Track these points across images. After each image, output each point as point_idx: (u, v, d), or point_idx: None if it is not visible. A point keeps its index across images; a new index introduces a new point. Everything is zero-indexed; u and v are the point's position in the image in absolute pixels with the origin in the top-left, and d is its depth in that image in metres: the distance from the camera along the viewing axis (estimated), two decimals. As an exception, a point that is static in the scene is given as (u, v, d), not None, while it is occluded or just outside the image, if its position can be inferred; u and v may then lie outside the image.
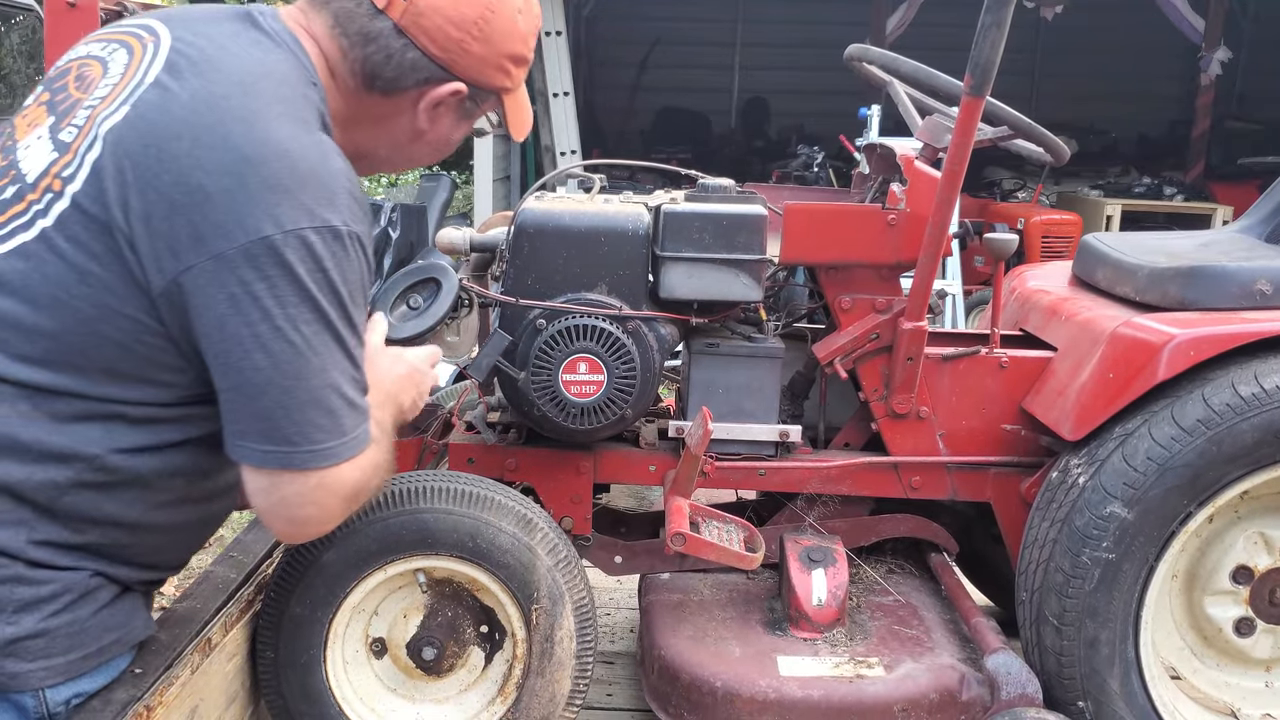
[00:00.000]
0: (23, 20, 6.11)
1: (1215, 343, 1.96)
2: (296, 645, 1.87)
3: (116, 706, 1.39)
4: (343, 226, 1.30)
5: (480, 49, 1.45)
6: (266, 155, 1.26)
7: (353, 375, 1.35)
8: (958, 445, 2.29)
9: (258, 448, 1.30)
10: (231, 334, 1.26)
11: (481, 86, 1.50)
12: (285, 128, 1.29)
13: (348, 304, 1.32)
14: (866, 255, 2.20)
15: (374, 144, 1.52)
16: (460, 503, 1.89)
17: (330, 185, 1.30)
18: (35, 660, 1.31)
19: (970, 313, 6.17)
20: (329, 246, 1.28)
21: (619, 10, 10.97)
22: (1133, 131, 10.50)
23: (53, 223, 1.29)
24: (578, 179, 2.58)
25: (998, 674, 1.97)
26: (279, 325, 1.26)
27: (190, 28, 1.38)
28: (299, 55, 1.39)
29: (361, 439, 1.36)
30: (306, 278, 1.26)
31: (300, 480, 1.32)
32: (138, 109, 1.29)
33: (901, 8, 8.74)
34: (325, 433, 1.31)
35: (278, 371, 1.27)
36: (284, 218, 1.25)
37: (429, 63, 1.43)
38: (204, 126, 1.26)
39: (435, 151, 1.59)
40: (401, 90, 1.45)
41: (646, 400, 2.12)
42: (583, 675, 1.97)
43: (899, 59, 2.37)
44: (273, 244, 1.24)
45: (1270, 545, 2.09)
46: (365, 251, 1.36)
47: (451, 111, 1.51)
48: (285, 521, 1.38)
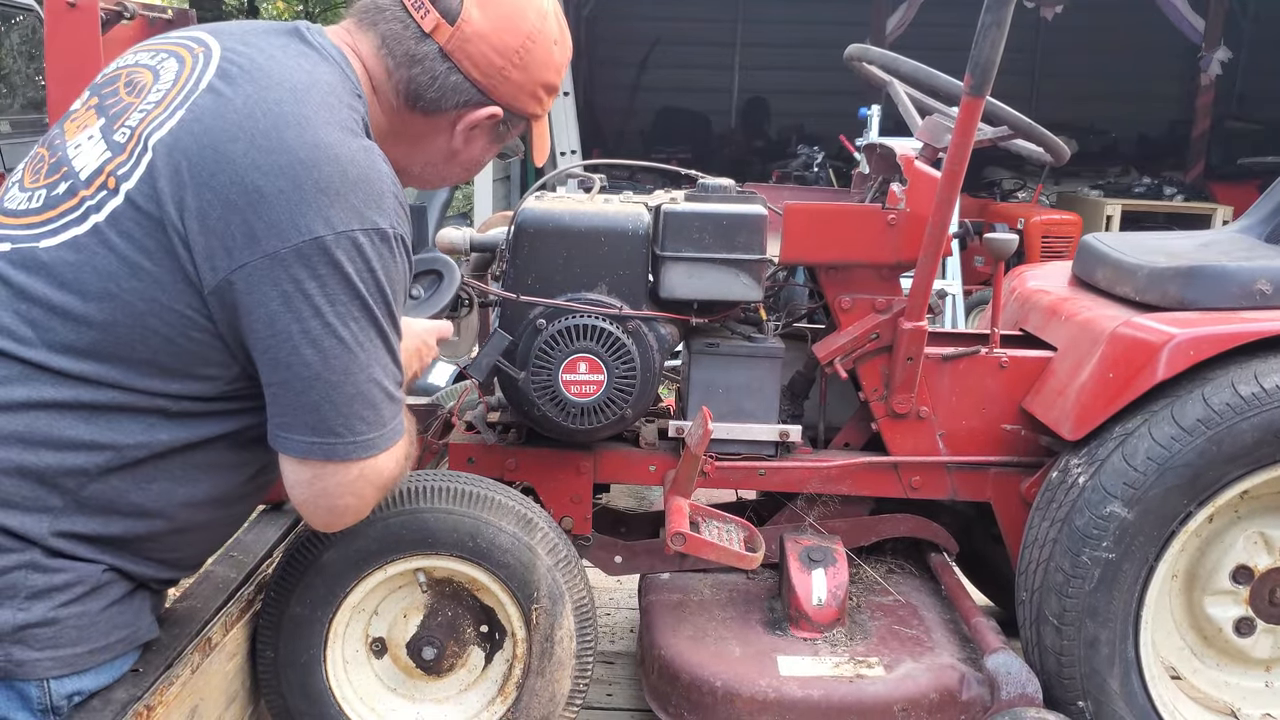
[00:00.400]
0: (23, 20, 6.11)
1: (1215, 342, 1.97)
2: (296, 645, 1.87)
3: (116, 706, 1.40)
4: (390, 229, 1.36)
5: (519, 76, 1.52)
6: (319, 159, 1.31)
7: (393, 370, 1.41)
8: (958, 445, 2.29)
9: (303, 439, 1.36)
10: (282, 329, 1.31)
11: (516, 112, 1.56)
12: (335, 133, 1.34)
13: (392, 302, 1.38)
14: (866, 255, 2.20)
15: (409, 160, 1.57)
16: (460, 503, 1.89)
17: (379, 188, 1.35)
18: (43, 649, 1.33)
19: (970, 313, 6.17)
20: (376, 248, 1.34)
21: (619, 10, 10.96)
22: (1133, 131, 10.50)
23: (105, 218, 1.32)
24: (578, 179, 2.58)
25: (998, 674, 1.98)
26: (329, 322, 1.31)
27: (240, 39, 1.42)
28: (345, 69, 1.44)
29: (398, 430, 1.43)
30: (355, 277, 1.32)
31: (343, 471, 1.38)
32: (193, 111, 1.33)
33: (901, 8, 8.74)
34: (368, 425, 1.37)
35: (326, 367, 1.32)
36: (336, 219, 1.30)
37: (470, 86, 1.49)
38: (259, 130, 1.30)
39: (465, 171, 1.66)
40: (441, 111, 1.51)
41: (646, 400, 2.12)
42: (583, 675, 1.97)
43: (899, 59, 2.37)
44: (325, 244, 1.29)
45: (1270, 545, 2.09)
46: (408, 252, 1.42)
47: (485, 134, 1.58)
48: (325, 511, 1.44)
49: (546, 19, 1.54)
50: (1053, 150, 2.27)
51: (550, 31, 1.55)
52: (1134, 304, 2.23)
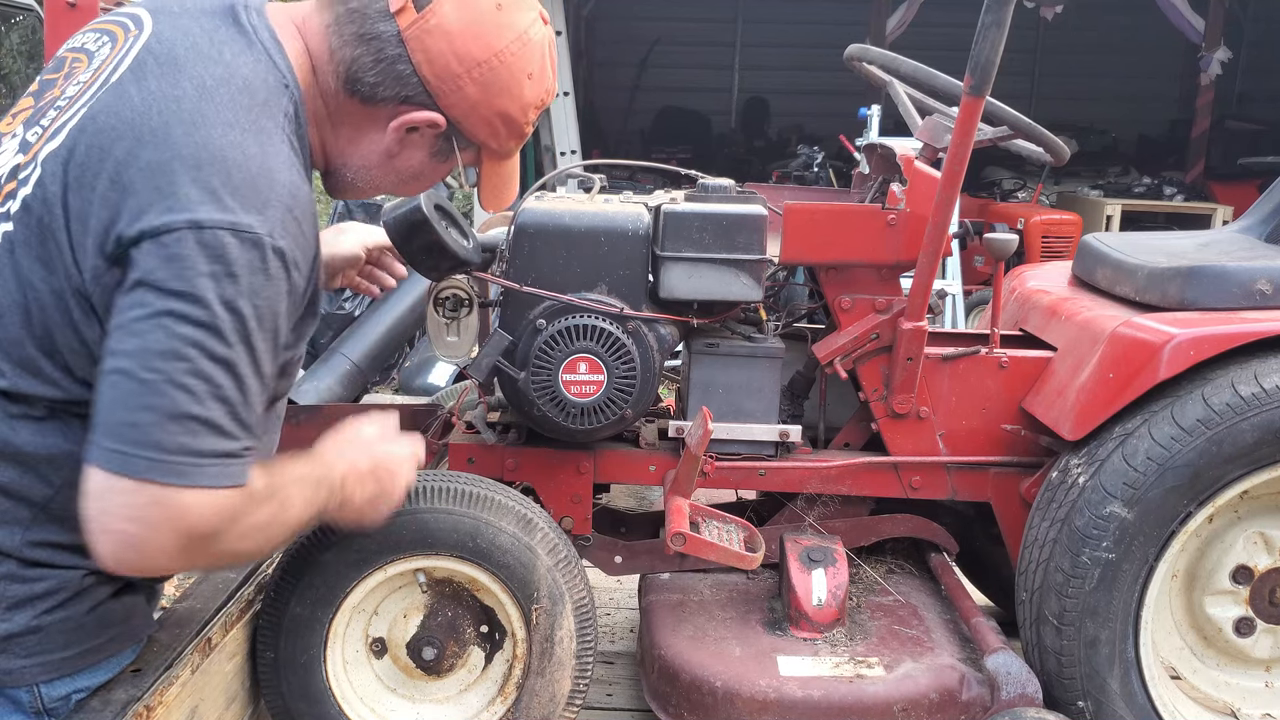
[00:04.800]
0: (23, 20, 6.11)
1: (1215, 343, 1.96)
2: (296, 645, 1.87)
3: (116, 706, 1.39)
4: (266, 238, 1.22)
5: (474, 93, 1.40)
6: (202, 158, 1.21)
7: (233, 399, 1.21)
8: (958, 445, 2.29)
9: (103, 443, 1.18)
10: (116, 321, 1.19)
11: (464, 132, 1.44)
12: (232, 134, 1.24)
13: (249, 319, 1.21)
14: (866, 255, 2.20)
15: (345, 156, 1.47)
16: (460, 503, 1.89)
17: (265, 194, 1.23)
18: (30, 656, 1.32)
19: (970, 313, 6.17)
20: (245, 253, 1.20)
21: (619, 10, 10.97)
22: (1133, 131, 10.50)
23: (12, 227, 1.28)
24: (578, 179, 2.58)
25: (998, 674, 1.98)
26: (161, 317, 1.17)
27: (173, 20, 1.35)
28: (273, 57, 1.35)
29: (225, 473, 1.21)
30: (209, 278, 1.18)
31: (133, 491, 1.16)
32: (92, 111, 1.27)
33: (901, 8, 8.74)
34: (174, 447, 1.17)
35: (143, 363, 1.17)
36: (203, 215, 1.18)
37: (417, 83, 1.38)
38: (148, 129, 1.23)
39: (402, 182, 1.51)
40: (379, 101, 1.40)
41: (646, 400, 2.12)
42: (583, 675, 1.97)
43: (899, 59, 2.37)
44: (183, 236, 1.17)
45: (1270, 545, 2.09)
46: (290, 273, 1.26)
47: (425, 145, 1.45)
48: (107, 535, 1.19)
49: (527, 47, 1.43)
50: (1053, 150, 2.27)
51: (528, 61, 1.43)
52: (1134, 304, 2.23)
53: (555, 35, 1.58)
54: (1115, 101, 10.81)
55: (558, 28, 7.64)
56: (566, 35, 7.88)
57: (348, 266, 1.96)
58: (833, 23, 9.64)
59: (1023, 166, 7.77)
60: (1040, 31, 10.23)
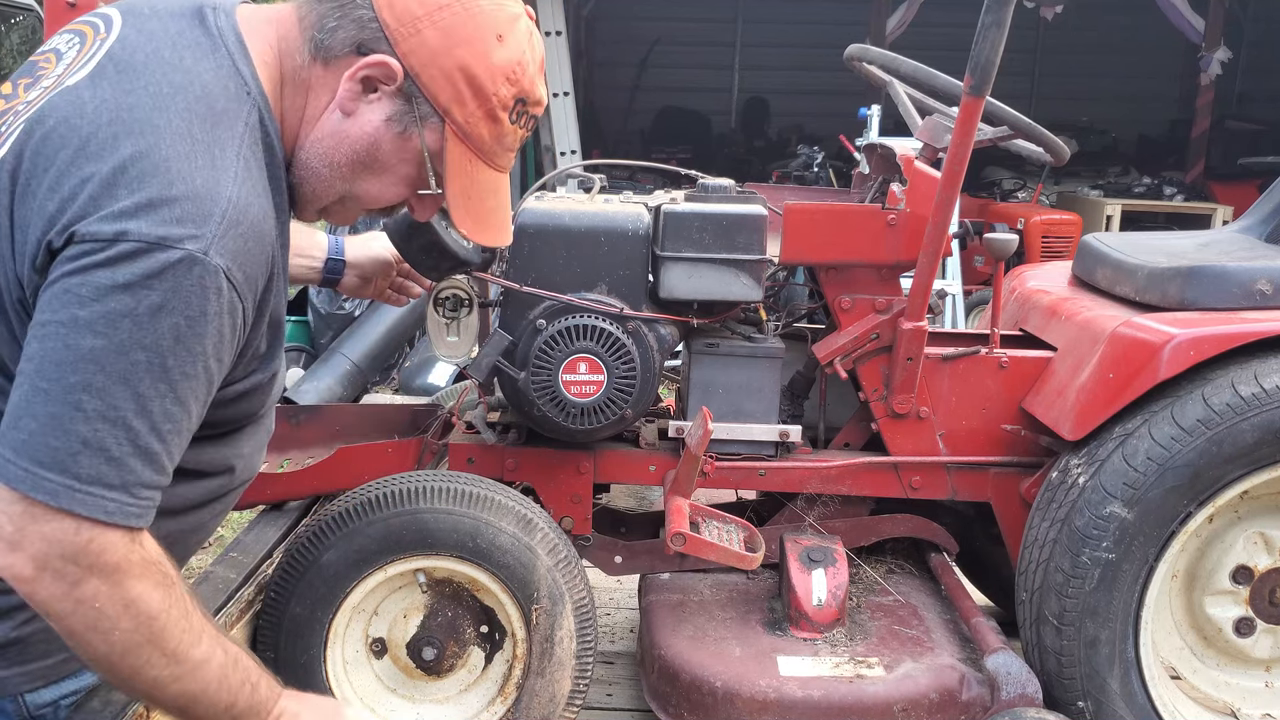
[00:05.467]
0: (23, 20, 6.11)
1: (1215, 343, 1.96)
2: (296, 645, 1.87)
3: (116, 707, 1.39)
4: (201, 254, 1.14)
5: (435, 39, 1.29)
6: (144, 170, 1.15)
7: (132, 425, 1.14)
8: (958, 445, 2.29)
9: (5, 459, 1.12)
10: (32, 322, 1.14)
11: (421, 88, 1.31)
12: (180, 145, 1.18)
13: (164, 338, 1.14)
14: (866, 255, 2.20)
15: (304, 140, 1.35)
16: (460, 503, 1.89)
17: (206, 209, 1.16)
18: (11, 667, 1.31)
19: (970, 313, 6.17)
20: (174, 269, 1.13)
21: (619, 10, 10.97)
22: (1133, 131, 10.51)
23: None
24: (578, 179, 2.58)
25: (998, 674, 1.98)
26: (64, 326, 1.11)
27: (140, 24, 1.30)
28: (236, 62, 1.29)
29: (125, 510, 1.14)
30: (124, 292, 1.11)
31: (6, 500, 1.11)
32: (41, 113, 1.22)
33: (901, 8, 8.74)
34: (51, 463, 1.10)
35: (39, 369, 1.11)
36: (134, 227, 1.12)
37: (376, 27, 1.28)
38: (97, 138, 1.17)
39: (360, 165, 1.36)
40: (336, 56, 1.30)
41: (646, 400, 2.12)
42: (583, 675, 1.97)
43: (899, 59, 2.38)
44: (113, 248, 1.11)
45: (1270, 545, 2.09)
46: (229, 291, 1.19)
47: (383, 108, 1.32)
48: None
49: (501, 8, 1.33)
50: (1053, 150, 2.27)
51: (496, 21, 1.32)
52: (1134, 304, 2.23)
53: (555, 35, 1.54)
54: (1115, 101, 10.81)
55: (558, 28, 7.65)
56: (567, 35, 7.88)
57: (379, 274, 1.97)
58: (833, 23, 9.64)
59: (1023, 166, 7.77)
60: (1040, 31, 10.23)
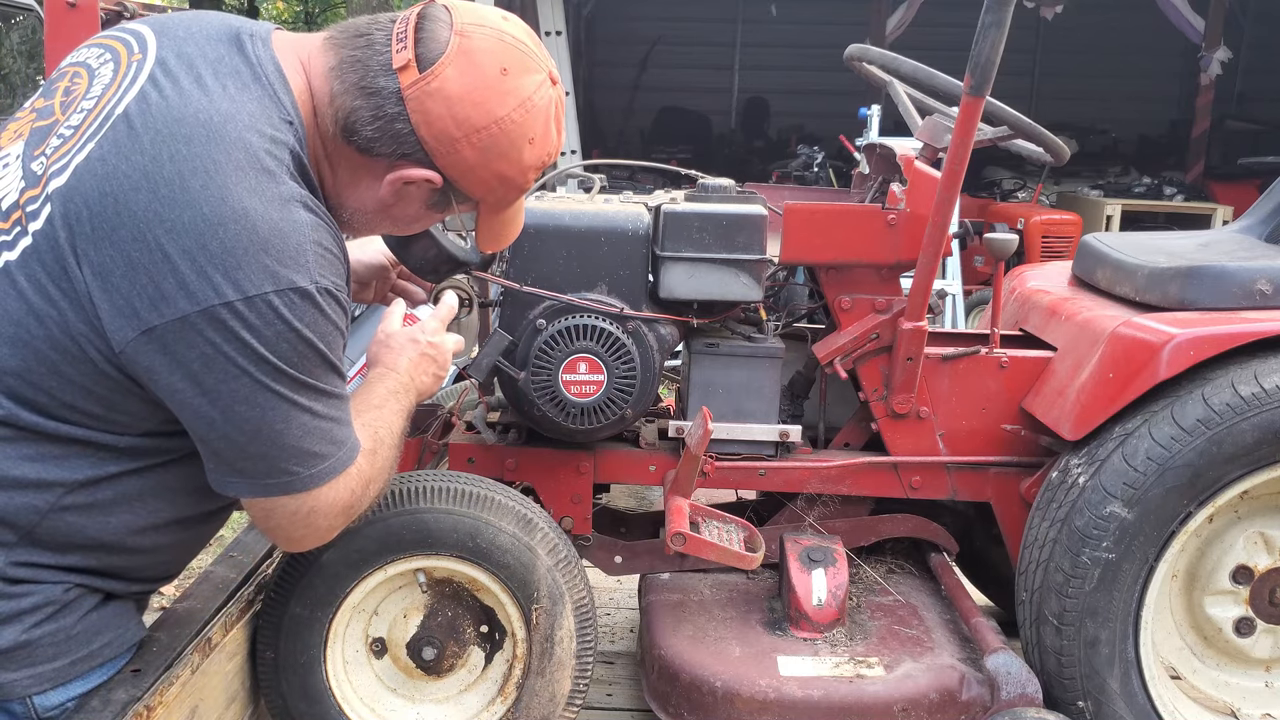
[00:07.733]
0: (23, 20, 6.11)
1: (1215, 343, 1.96)
2: (296, 645, 1.87)
3: (116, 706, 1.39)
4: (309, 285, 1.28)
5: (472, 156, 1.39)
6: (225, 216, 1.22)
7: (331, 415, 1.38)
8: (958, 445, 2.29)
9: (243, 482, 1.36)
10: (209, 390, 1.27)
11: (459, 189, 1.44)
12: (247, 180, 1.25)
13: (323, 354, 1.33)
14: (866, 255, 2.20)
15: (341, 197, 1.45)
16: (460, 503, 1.89)
17: (293, 241, 1.26)
18: (19, 670, 1.32)
19: (970, 313, 6.17)
20: (296, 307, 1.27)
21: (619, 10, 10.96)
22: (1133, 131, 10.50)
23: (16, 257, 1.26)
24: (578, 179, 2.58)
25: (998, 674, 1.98)
26: (259, 382, 1.27)
27: (177, 47, 1.33)
28: (277, 92, 1.33)
29: (344, 461, 1.41)
30: (275, 340, 1.26)
31: (293, 503, 1.39)
32: (101, 148, 1.25)
33: (901, 8, 8.73)
34: (305, 468, 1.36)
35: (239, 425, 1.30)
36: (245, 283, 1.23)
37: (415, 142, 1.37)
38: (163, 179, 1.22)
39: (398, 227, 1.55)
40: (375, 155, 1.39)
41: (646, 400, 2.12)
42: (583, 675, 1.97)
43: (899, 59, 2.37)
44: (237, 309, 1.23)
45: (1270, 545, 2.09)
46: (338, 300, 1.34)
47: (421, 197, 1.45)
48: (284, 540, 1.49)
49: (530, 114, 1.39)
50: (1053, 150, 2.27)
51: (529, 127, 1.40)
52: (1134, 304, 2.23)
53: (555, 35, 1.58)
54: (1115, 101, 10.80)
55: (558, 28, 7.65)
56: (567, 35, 7.88)
57: (375, 277, 1.98)
58: (833, 23, 9.63)
59: (1023, 166, 7.77)
60: (1040, 31, 10.22)
